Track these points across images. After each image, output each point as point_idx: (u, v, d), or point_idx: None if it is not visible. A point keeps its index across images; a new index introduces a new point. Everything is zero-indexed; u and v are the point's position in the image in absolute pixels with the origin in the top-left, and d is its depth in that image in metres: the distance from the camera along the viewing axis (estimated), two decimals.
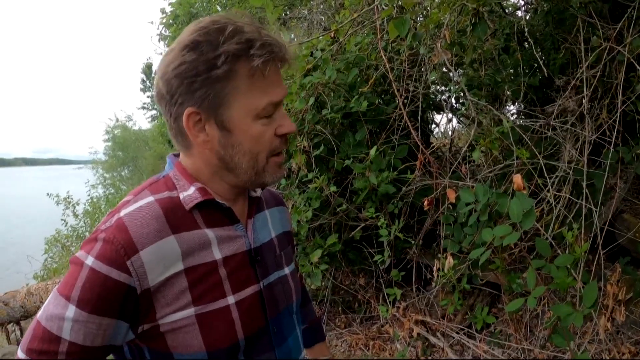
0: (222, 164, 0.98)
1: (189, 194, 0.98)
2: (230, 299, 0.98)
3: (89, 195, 14.89)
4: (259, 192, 1.14)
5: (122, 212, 0.92)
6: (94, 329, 0.88)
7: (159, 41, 8.16)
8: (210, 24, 0.91)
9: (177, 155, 1.07)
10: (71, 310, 0.87)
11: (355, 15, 3.41)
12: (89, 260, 0.88)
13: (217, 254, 0.98)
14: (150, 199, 0.96)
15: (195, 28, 0.92)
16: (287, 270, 1.16)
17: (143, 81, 32.03)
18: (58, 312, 0.88)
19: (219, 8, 7.59)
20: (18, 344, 4.72)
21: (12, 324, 4.83)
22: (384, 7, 2.88)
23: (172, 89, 0.93)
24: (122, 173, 23.40)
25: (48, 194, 12.09)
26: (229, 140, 0.95)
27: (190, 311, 0.93)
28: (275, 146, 0.99)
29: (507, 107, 3.67)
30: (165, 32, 8.05)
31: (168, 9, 7.98)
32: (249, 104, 0.93)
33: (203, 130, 0.95)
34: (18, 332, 4.93)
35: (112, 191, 19.48)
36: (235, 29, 0.90)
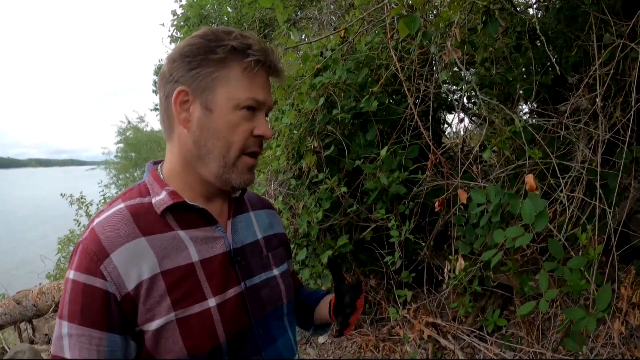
0: (196, 149, 1.02)
1: (160, 198, 1.01)
2: (211, 302, 0.99)
3: (102, 195, 15.00)
4: (238, 194, 1.15)
5: (95, 222, 0.97)
6: (86, 343, 0.90)
7: (170, 43, 8.22)
8: (223, 29, 1.03)
9: (156, 163, 1.12)
10: (64, 326, 0.91)
11: (364, 14, 3.39)
12: (71, 274, 0.93)
13: (195, 256, 1.00)
14: (121, 205, 0.99)
15: (209, 28, 1.04)
16: (276, 272, 1.16)
17: (155, 82, 32.21)
18: (57, 333, 0.93)
19: (229, 9, 7.61)
20: (30, 342, 4.77)
21: (24, 322, 4.88)
22: (394, 6, 2.85)
23: (173, 67, 1.01)
24: (135, 174, 23.53)
25: (62, 195, 12.17)
26: (208, 121, 1.00)
27: (171, 316, 0.94)
28: (250, 143, 1.04)
29: (520, 106, 3.62)
30: (177, 33, 8.12)
31: (179, 11, 8.08)
32: (234, 93, 1.00)
33: (187, 110, 1.01)
34: (30, 331, 4.98)
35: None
36: (242, 34, 1.01)
